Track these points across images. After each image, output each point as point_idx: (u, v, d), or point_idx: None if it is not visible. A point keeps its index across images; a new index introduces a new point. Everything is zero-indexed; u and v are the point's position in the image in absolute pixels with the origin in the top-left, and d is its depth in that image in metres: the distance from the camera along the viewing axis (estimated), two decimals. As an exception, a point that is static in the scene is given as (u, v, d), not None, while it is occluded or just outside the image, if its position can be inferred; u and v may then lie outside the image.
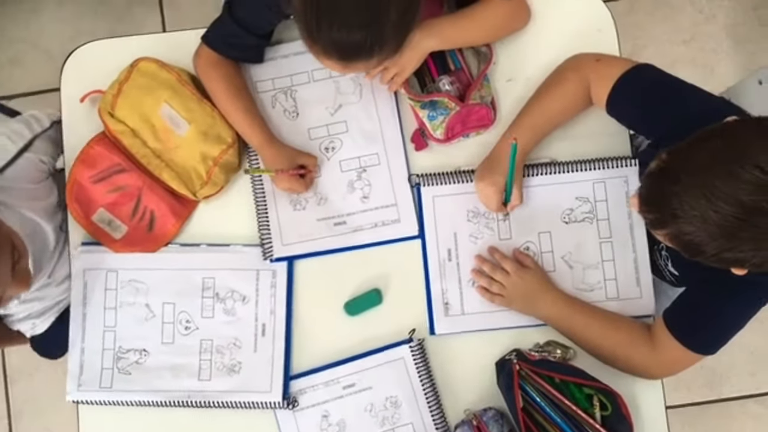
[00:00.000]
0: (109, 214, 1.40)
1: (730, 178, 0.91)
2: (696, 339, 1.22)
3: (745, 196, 0.91)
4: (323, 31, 1.08)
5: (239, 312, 1.37)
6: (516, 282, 1.32)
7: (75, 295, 1.39)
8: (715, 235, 0.94)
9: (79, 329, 1.38)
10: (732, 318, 1.19)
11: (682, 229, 0.97)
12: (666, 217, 0.98)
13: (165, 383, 1.35)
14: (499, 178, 1.30)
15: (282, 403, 1.33)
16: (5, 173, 1.29)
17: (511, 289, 1.32)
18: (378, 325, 1.37)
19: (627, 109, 1.26)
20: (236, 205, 1.41)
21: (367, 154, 1.39)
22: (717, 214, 0.92)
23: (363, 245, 1.38)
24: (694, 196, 0.94)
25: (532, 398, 1.29)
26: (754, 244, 0.93)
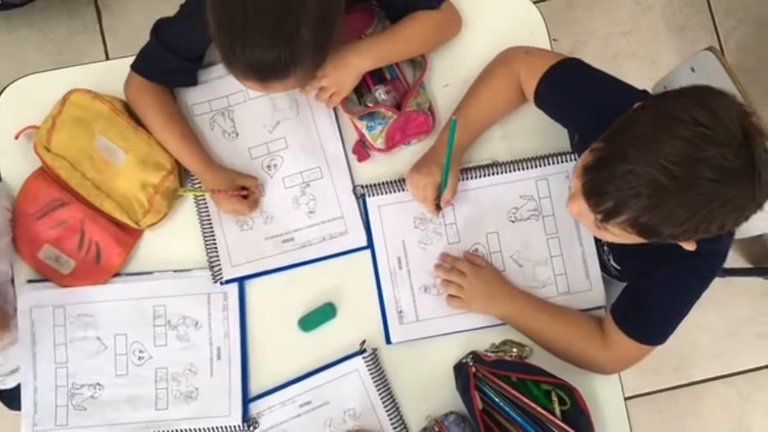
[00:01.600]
0: (56, 249, 1.38)
1: (674, 138, 0.94)
2: (643, 331, 1.23)
3: (697, 166, 0.93)
4: (237, 52, 1.09)
5: (193, 338, 1.35)
6: (472, 281, 1.32)
7: (23, 334, 1.36)
8: (669, 212, 0.96)
9: (30, 368, 1.36)
10: (676, 304, 1.21)
11: (634, 214, 0.97)
12: (624, 199, 0.98)
13: (122, 416, 1.33)
14: (435, 170, 1.29)
15: (242, 426, 1.32)
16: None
17: (469, 289, 1.32)
18: (334, 339, 1.37)
19: (552, 101, 1.28)
20: (183, 230, 1.40)
21: (309, 168, 1.39)
22: (668, 195, 0.94)
23: (313, 260, 1.38)
24: (648, 163, 0.94)
25: (491, 399, 1.29)
26: (711, 208, 0.95)
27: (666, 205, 0.96)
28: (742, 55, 2.42)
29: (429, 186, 1.31)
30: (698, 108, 0.95)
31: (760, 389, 2.31)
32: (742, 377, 2.32)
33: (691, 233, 1.00)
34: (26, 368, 1.36)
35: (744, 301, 2.33)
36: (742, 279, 2.32)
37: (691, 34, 2.42)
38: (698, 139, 0.93)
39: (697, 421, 2.30)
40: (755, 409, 2.30)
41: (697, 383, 2.32)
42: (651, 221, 0.98)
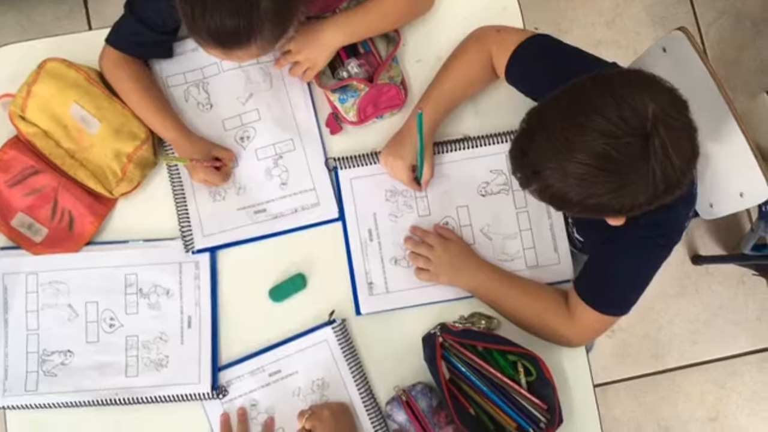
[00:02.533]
0: (29, 217, 1.38)
1: (578, 128, 0.97)
2: (605, 301, 1.25)
3: (594, 144, 0.95)
4: (197, 19, 1.10)
5: (164, 306, 1.36)
6: (440, 254, 1.34)
7: None
8: (574, 185, 0.99)
9: (1, 334, 1.37)
10: (635, 274, 1.22)
11: (545, 182, 1.01)
12: (529, 173, 1.03)
13: (92, 382, 1.34)
14: (406, 151, 1.32)
15: (211, 393, 1.33)
16: None
17: (437, 262, 1.34)
18: (304, 310, 1.38)
19: (523, 77, 1.29)
20: (156, 200, 1.41)
21: (281, 140, 1.40)
22: (571, 164, 0.97)
23: (284, 231, 1.39)
24: (549, 150, 0.99)
25: (458, 369, 1.31)
26: (610, 187, 0.98)
27: (564, 184, 1.00)
28: (722, 47, 2.45)
29: (403, 169, 1.34)
30: (607, 96, 0.97)
31: (735, 377, 2.33)
32: (718, 365, 2.34)
33: (597, 211, 1.04)
34: None
35: (721, 289, 2.36)
36: (720, 268, 2.35)
37: (672, 24, 2.42)
38: (596, 128, 0.96)
39: (673, 408, 2.32)
40: (729, 396, 2.33)
41: (673, 370, 2.34)
42: (554, 198, 1.04)
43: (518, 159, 1.05)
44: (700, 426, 2.30)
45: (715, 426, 2.31)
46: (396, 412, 1.30)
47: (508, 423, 1.29)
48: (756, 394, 2.32)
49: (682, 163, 0.98)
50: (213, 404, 1.34)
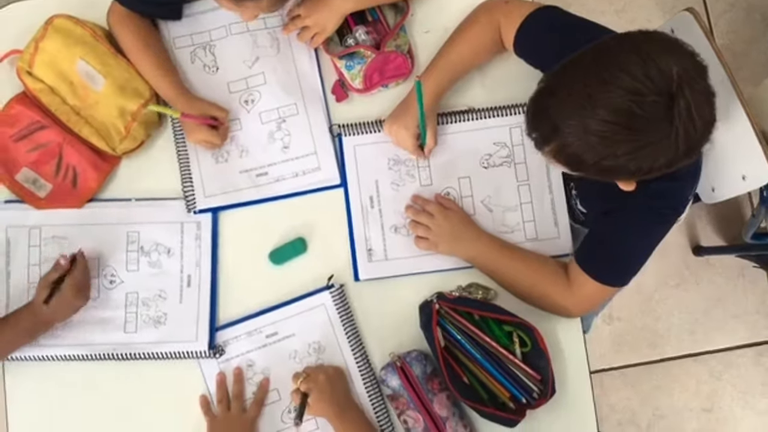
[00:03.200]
0: (34, 172, 1.39)
1: (602, 85, 0.96)
2: (605, 271, 1.25)
3: (618, 101, 0.95)
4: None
5: (164, 265, 1.37)
6: (440, 223, 1.34)
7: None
8: (594, 144, 0.98)
9: (3, 287, 1.38)
10: (637, 244, 1.22)
11: (563, 141, 1.01)
12: (548, 131, 1.02)
13: (91, 337, 1.35)
14: (410, 120, 1.32)
15: (208, 352, 1.34)
16: None
17: (437, 230, 1.34)
18: (303, 274, 1.39)
19: (531, 49, 1.30)
20: (159, 160, 1.42)
21: (285, 104, 1.41)
22: (593, 121, 0.96)
23: (285, 195, 1.40)
24: (571, 106, 0.98)
25: (453, 336, 1.31)
26: (630, 147, 0.97)
27: (583, 142, 0.99)
28: (731, 38, 2.44)
29: (407, 138, 1.34)
30: (632, 55, 0.96)
31: (731, 369, 2.33)
32: (715, 356, 2.34)
33: (612, 174, 1.03)
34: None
35: (721, 281, 2.36)
36: (721, 260, 2.35)
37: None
38: (621, 85, 0.95)
39: (668, 397, 2.32)
40: (725, 388, 2.33)
41: (670, 360, 2.34)
42: (570, 158, 1.03)
43: (537, 116, 1.04)
44: (695, 416, 2.31)
45: (710, 417, 2.31)
46: (390, 378, 1.31)
47: (501, 392, 1.30)
48: (751, 387, 2.32)
49: (703, 127, 0.97)
50: (209, 363, 1.35)
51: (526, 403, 1.29)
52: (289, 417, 1.34)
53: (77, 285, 1.29)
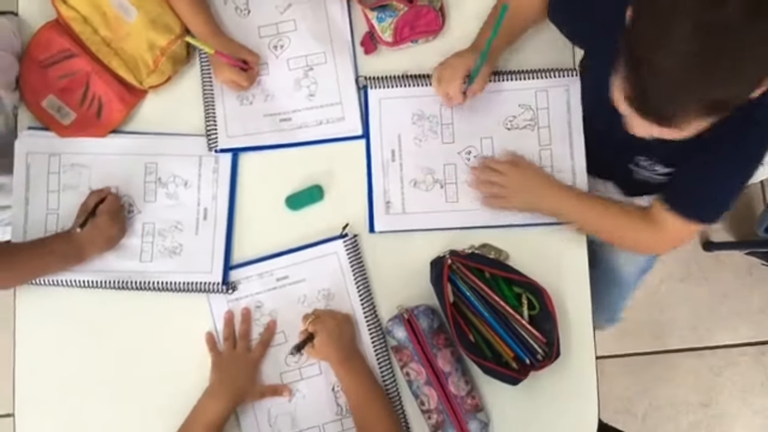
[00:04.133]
0: (59, 100, 1.40)
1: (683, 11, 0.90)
2: (694, 209, 1.23)
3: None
4: None
5: (181, 196, 1.38)
6: (514, 177, 1.33)
7: (18, 179, 1.39)
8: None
9: (22, 212, 1.39)
10: (725, 181, 1.19)
11: (692, 95, 0.94)
12: (679, 105, 0.95)
13: (107, 264, 1.36)
14: (469, 55, 1.30)
15: (221, 286, 1.35)
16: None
17: (511, 185, 1.33)
18: (318, 221, 1.39)
19: (564, 12, 1.29)
20: (184, 96, 1.42)
21: (314, 52, 1.41)
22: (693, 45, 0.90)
23: (307, 142, 1.40)
24: (672, 53, 0.92)
25: (462, 293, 1.32)
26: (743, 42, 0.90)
27: (718, 70, 0.91)
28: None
29: (461, 67, 1.30)
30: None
31: (731, 366, 2.33)
32: (716, 352, 2.34)
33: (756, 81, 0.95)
34: (18, 211, 1.39)
35: (729, 278, 2.36)
36: (730, 257, 2.35)
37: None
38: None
39: (667, 388, 2.32)
40: (724, 385, 2.33)
41: (672, 352, 2.34)
42: (714, 100, 0.95)
43: (655, 113, 0.98)
44: (692, 410, 2.31)
45: (707, 411, 2.31)
46: (396, 329, 1.32)
47: (505, 352, 1.31)
48: (750, 385, 2.33)
49: None
50: (218, 301, 1.36)
51: (530, 364, 1.29)
52: (293, 360, 1.35)
53: (111, 212, 1.31)
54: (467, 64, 1.30)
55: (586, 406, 1.36)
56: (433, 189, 1.39)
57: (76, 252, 1.32)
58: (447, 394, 1.29)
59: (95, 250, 1.33)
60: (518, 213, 1.38)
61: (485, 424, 1.30)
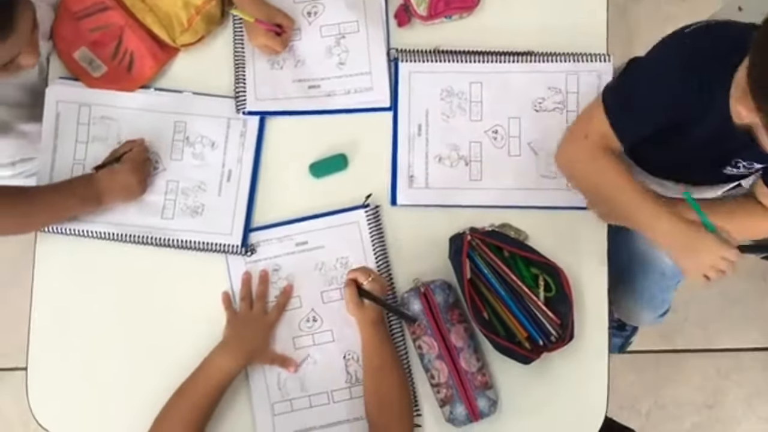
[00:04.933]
0: (91, 53, 1.41)
1: None
2: None
3: None
4: None
5: (207, 157, 1.39)
6: None
7: (47, 126, 1.40)
8: None
9: (49, 160, 1.40)
10: None
11: None
12: None
13: (128, 218, 1.37)
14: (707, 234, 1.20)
15: (240, 248, 1.36)
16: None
17: None
18: (340, 190, 1.39)
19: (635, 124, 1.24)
20: (216, 57, 1.43)
21: (347, 21, 1.41)
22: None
23: (334, 110, 1.41)
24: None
25: (480, 269, 1.32)
26: None
27: None
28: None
29: (726, 249, 1.20)
30: None
31: (738, 370, 2.32)
32: (724, 355, 2.33)
33: None
34: (45, 159, 1.40)
35: (742, 282, 2.34)
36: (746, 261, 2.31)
37: (750, 3, 2.40)
38: None
39: (672, 388, 2.32)
40: (730, 388, 2.32)
41: (679, 352, 2.33)
42: None
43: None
44: (696, 410, 2.30)
45: (711, 414, 2.31)
46: (412, 302, 1.32)
47: (519, 331, 1.31)
48: (757, 391, 2.32)
49: None
50: (236, 262, 1.37)
51: (543, 345, 1.30)
52: (307, 325, 1.35)
53: (134, 162, 1.32)
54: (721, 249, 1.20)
55: (595, 392, 1.36)
56: (458, 166, 1.39)
57: (95, 195, 1.32)
58: (458, 369, 1.29)
59: (113, 196, 1.34)
60: (540, 195, 1.37)
61: (494, 402, 1.30)
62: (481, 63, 1.40)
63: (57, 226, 1.37)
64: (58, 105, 1.40)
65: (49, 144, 1.40)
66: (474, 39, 1.42)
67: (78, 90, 1.41)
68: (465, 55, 1.40)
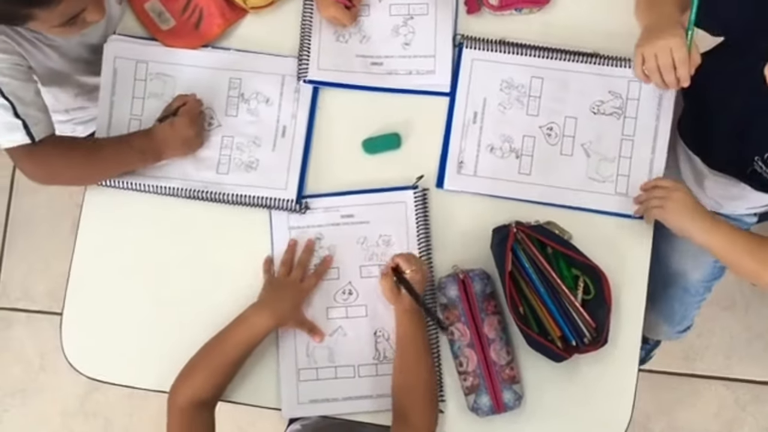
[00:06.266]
0: (161, 5, 1.43)
1: None
2: None
3: None
4: None
5: (262, 113, 1.40)
6: (677, 197, 1.29)
7: (105, 81, 1.42)
8: None
9: (107, 114, 1.42)
10: None
11: None
12: None
13: (184, 172, 1.38)
14: (678, 30, 1.19)
15: (294, 204, 1.37)
16: None
17: (669, 204, 1.28)
18: (390, 168, 1.40)
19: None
20: (283, 23, 1.43)
21: (417, 2, 1.42)
22: None
23: (393, 89, 1.41)
24: None
25: (521, 263, 1.32)
26: None
27: None
28: None
29: (681, 46, 1.17)
30: None
31: (757, 402, 2.30)
32: (744, 385, 2.31)
33: None
34: (103, 114, 1.42)
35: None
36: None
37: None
38: None
39: (689, 413, 2.30)
40: (746, 420, 2.30)
41: (699, 377, 2.31)
42: None
43: None
44: (709, 438, 2.29)
45: (724, 443, 2.29)
46: (449, 287, 1.33)
47: (553, 329, 1.31)
48: (773, 426, 2.30)
49: None
50: (280, 224, 1.38)
51: (575, 345, 1.29)
52: (342, 297, 1.36)
53: (191, 115, 1.34)
54: (683, 41, 1.18)
55: (621, 403, 1.35)
56: (509, 158, 1.39)
57: (154, 148, 1.34)
58: (487, 359, 1.29)
59: (172, 149, 1.35)
60: (588, 197, 1.37)
61: (519, 397, 1.31)
62: (544, 58, 1.40)
63: (114, 179, 1.39)
64: (116, 61, 1.42)
65: (107, 99, 1.42)
66: (540, 34, 1.42)
67: (135, 46, 1.42)
68: (530, 49, 1.40)
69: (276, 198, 1.37)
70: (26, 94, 1.22)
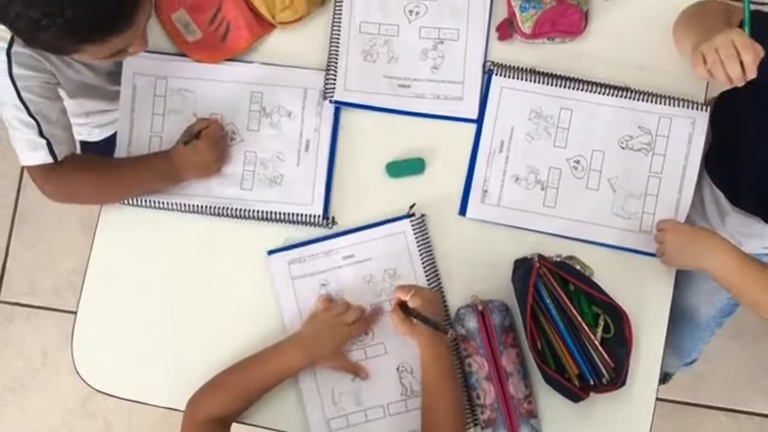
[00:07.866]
0: (188, 16, 1.40)
1: None
2: None
3: None
4: None
5: (284, 127, 1.38)
6: (671, 240, 1.28)
7: (124, 97, 1.40)
8: None
9: (127, 132, 1.39)
10: None
11: None
12: None
13: (208, 190, 1.36)
14: (736, 29, 1.14)
15: (321, 219, 1.35)
16: None
17: (669, 249, 1.29)
18: (412, 194, 1.38)
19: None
20: (311, 40, 1.42)
21: (448, 27, 1.40)
22: None
23: (420, 113, 1.39)
24: None
25: (542, 298, 1.30)
26: None
27: None
28: None
29: (742, 35, 1.12)
30: None
31: (760, 436, 2.29)
32: (749, 418, 2.30)
33: None
34: (122, 131, 1.40)
35: (778, 348, 2.31)
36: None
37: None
38: None
39: (690, 442, 2.29)
40: (747, 453, 2.29)
41: (702, 407, 2.30)
42: None
43: None
44: (709, 469, 2.28)
45: (723, 475, 2.28)
46: (468, 318, 1.31)
47: (571, 366, 1.29)
48: (775, 461, 2.28)
49: None
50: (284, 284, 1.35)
51: (593, 384, 1.28)
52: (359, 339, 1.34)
53: (212, 139, 1.32)
54: (737, 32, 1.13)
55: (634, 440, 1.34)
56: (534, 189, 1.37)
57: (174, 171, 1.32)
58: (505, 393, 1.28)
59: (192, 173, 1.33)
60: (611, 233, 1.35)
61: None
62: (574, 90, 1.38)
63: (137, 198, 1.37)
64: (135, 77, 1.40)
65: (127, 116, 1.40)
66: (571, 65, 1.40)
67: (154, 62, 1.40)
68: (560, 79, 1.38)
69: (301, 213, 1.35)
70: (52, 113, 1.22)
